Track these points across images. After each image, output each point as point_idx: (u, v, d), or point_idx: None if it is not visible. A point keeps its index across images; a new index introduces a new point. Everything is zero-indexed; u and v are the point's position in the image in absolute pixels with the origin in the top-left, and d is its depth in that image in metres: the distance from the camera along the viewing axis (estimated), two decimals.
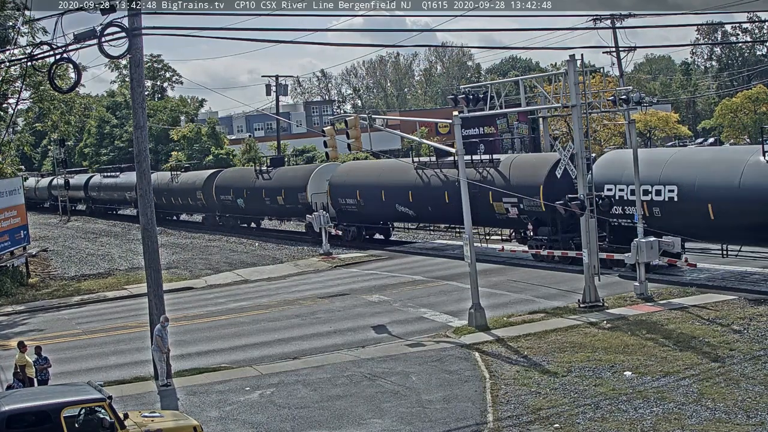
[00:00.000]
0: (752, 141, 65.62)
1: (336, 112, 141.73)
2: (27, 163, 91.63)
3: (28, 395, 15.08)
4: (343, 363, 21.06)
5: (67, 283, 38.62)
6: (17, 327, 29.44)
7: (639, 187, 27.04)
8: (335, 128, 30.12)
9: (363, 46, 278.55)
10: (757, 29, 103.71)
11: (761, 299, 24.04)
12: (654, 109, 62.97)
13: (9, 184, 39.50)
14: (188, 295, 33.50)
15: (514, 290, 28.73)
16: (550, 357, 20.05)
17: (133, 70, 20.79)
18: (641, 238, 26.11)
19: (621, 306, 24.79)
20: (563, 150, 26.70)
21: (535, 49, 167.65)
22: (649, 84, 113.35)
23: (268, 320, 27.19)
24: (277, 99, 69.32)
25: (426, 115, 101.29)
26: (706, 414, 15.45)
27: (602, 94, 31.03)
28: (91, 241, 55.83)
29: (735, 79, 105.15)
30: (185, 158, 76.13)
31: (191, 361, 22.31)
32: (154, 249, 21.00)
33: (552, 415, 16.15)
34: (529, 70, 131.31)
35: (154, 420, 14.89)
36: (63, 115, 43.87)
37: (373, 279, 33.40)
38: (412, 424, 16.29)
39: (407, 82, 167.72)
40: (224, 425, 17.00)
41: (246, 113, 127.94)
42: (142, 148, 20.86)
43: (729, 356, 18.89)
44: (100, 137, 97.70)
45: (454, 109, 27.21)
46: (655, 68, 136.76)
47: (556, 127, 54.29)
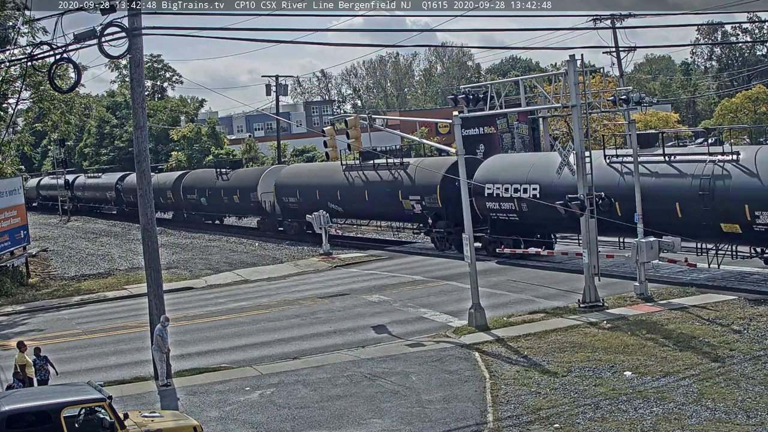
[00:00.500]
0: (752, 141, 65.65)
1: (336, 112, 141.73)
2: (27, 163, 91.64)
3: (28, 395, 15.07)
4: (343, 363, 21.06)
5: (67, 283, 38.62)
6: (17, 327, 29.45)
7: (638, 187, 27.05)
8: (335, 128, 30.15)
9: (363, 46, 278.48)
10: (757, 29, 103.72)
11: (761, 299, 24.04)
12: (654, 109, 62.90)
13: (9, 184, 39.51)
14: (188, 295, 33.50)
15: (514, 290, 28.73)
16: (550, 357, 20.05)
17: (133, 70, 20.79)
18: (641, 237, 26.12)
19: (621, 306, 24.79)
20: (563, 150, 26.72)
21: (535, 49, 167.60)
22: (649, 84, 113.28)
23: (268, 320, 27.19)
24: (277, 99, 69.31)
25: (426, 115, 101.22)
26: (706, 414, 15.46)
27: (602, 94, 31.05)
28: (91, 241, 55.84)
29: (735, 79, 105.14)
30: (185, 158, 76.29)
31: (191, 361, 22.30)
32: (154, 249, 21.01)
33: (552, 415, 16.15)
34: (529, 70, 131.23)
35: (154, 420, 14.89)
36: (63, 115, 43.87)
37: (373, 279, 33.40)
38: (412, 424, 16.29)
39: (407, 82, 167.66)
40: (224, 425, 17.00)
41: (246, 113, 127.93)
42: (142, 148, 20.87)
43: (729, 356, 18.89)
44: (100, 137, 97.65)
45: (454, 109, 27.22)
46: (655, 68, 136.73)
47: (556, 127, 54.25)
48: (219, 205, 57.21)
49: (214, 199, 56.85)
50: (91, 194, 77.75)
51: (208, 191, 57.49)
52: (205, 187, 58.10)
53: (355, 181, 42.87)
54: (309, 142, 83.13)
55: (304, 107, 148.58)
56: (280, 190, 49.25)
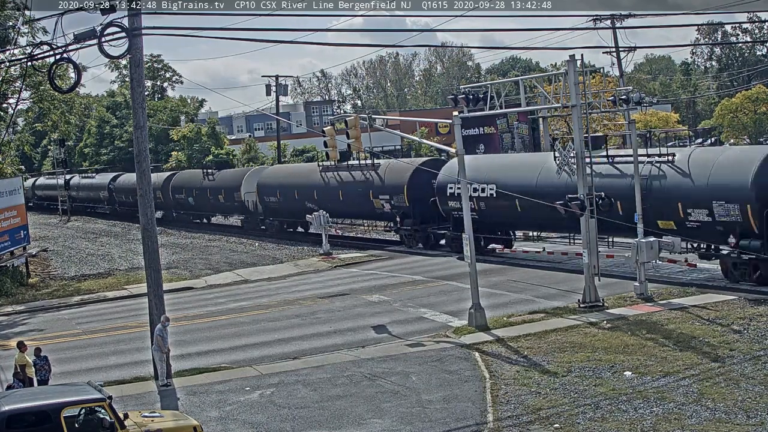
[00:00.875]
0: (752, 141, 65.67)
1: (336, 112, 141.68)
2: (27, 163, 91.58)
3: (28, 395, 15.07)
4: (343, 363, 21.06)
5: (67, 283, 38.62)
6: (17, 327, 29.44)
7: (638, 188, 27.05)
8: (335, 128, 30.15)
9: (363, 46, 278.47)
10: (757, 29, 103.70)
11: (761, 299, 24.03)
12: (654, 110, 62.90)
13: (9, 184, 39.50)
14: (188, 295, 33.50)
15: (514, 290, 28.72)
16: (550, 357, 20.05)
17: (133, 70, 20.78)
18: (641, 237, 26.12)
19: (621, 306, 24.78)
20: (563, 150, 26.72)
21: (535, 49, 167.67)
22: (649, 84, 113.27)
23: (268, 320, 27.19)
24: (277, 99, 69.30)
25: (426, 115, 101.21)
26: (706, 414, 15.45)
27: (602, 94, 31.05)
28: (91, 241, 55.84)
29: (735, 79, 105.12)
30: (185, 158, 76.29)
31: (191, 361, 22.30)
32: (154, 249, 21.01)
33: (552, 415, 16.15)
34: (529, 70, 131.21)
35: (154, 420, 14.89)
36: (63, 115, 43.86)
37: (373, 279, 33.40)
38: (412, 424, 16.29)
39: (407, 82, 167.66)
40: (224, 425, 17.00)
41: (246, 113, 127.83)
42: (142, 148, 20.86)
43: (729, 356, 18.89)
44: (100, 137, 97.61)
45: (454, 109, 27.21)
46: (655, 68, 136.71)
47: (556, 127, 54.24)
48: (205, 205, 59.37)
49: (201, 198, 58.97)
50: (85, 194, 79.49)
51: (195, 191, 59.64)
52: (192, 187, 60.20)
53: (331, 182, 44.81)
54: (309, 142, 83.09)
55: (304, 107, 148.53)
56: (262, 190, 51.12)
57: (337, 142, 27.94)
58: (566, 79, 25.60)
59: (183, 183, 62.10)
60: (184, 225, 61.86)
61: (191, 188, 60.40)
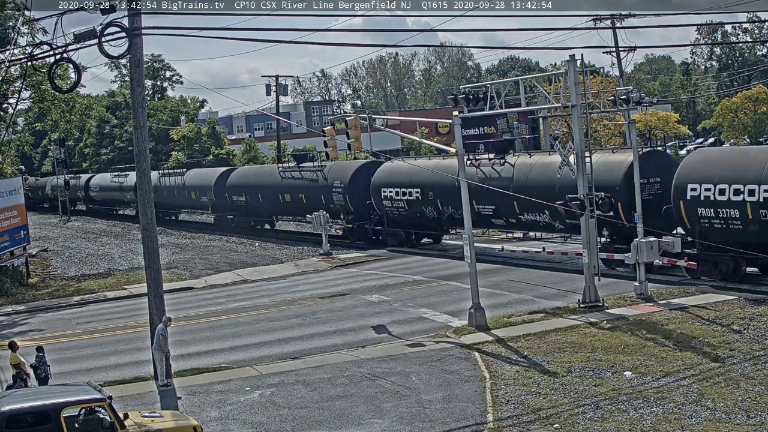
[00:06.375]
0: (752, 141, 65.60)
1: (336, 112, 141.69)
2: (27, 163, 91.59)
3: (28, 395, 15.08)
4: (343, 363, 21.06)
5: (67, 283, 38.61)
6: (17, 327, 29.44)
7: (638, 188, 27.03)
8: (335, 128, 30.16)
9: (363, 46, 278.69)
10: (757, 29, 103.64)
11: (761, 299, 24.04)
12: (654, 109, 62.84)
13: (9, 184, 39.50)
14: (188, 295, 33.50)
15: (514, 290, 28.72)
16: (550, 357, 20.04)
17: (133, 70, 20.78)
18: (641, 237, 26.11)
19: (621, 306, 24.78)
20: (563, 150, 26.69)
21: (535, 49, 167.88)
22: (649, 84, 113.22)
23: (268, 320, 27.18)
24: (277, 99, 69.31)
25: (426, 115, 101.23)
26: (706, 414, 15.46)
27: (602, 94, 31.04)
28: (91, 241, 55.82)
29: (735, 79, 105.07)
30: (185, 158, 76.28)
31: (191, 361, 22.30)
32: (154, 249, 21.00)
33: (552, 415, 16.15)
34: (529, 70, 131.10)
35: (154, 420, 14.89)
36: (64, 114, 43.86)
37: (373, 279, 33.40)
38: (412, 424, 16.29)
39: (407, 82, 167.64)
40: (224, 425, 17.00)
41: (246, 113, 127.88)
42: (142, 148, 20.85)
43: (729, 356, 18.89)
44: (100, 137, 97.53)
45: (454, 109, 27.22)
46: (655, 68, 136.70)
47: (556, 127, 54.26)
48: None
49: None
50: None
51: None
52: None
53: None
54: (309, 142, 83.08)
55: (304, 107, 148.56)
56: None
57: (337, 142, 27.94)
58: (566, 79, 25.60)
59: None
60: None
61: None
